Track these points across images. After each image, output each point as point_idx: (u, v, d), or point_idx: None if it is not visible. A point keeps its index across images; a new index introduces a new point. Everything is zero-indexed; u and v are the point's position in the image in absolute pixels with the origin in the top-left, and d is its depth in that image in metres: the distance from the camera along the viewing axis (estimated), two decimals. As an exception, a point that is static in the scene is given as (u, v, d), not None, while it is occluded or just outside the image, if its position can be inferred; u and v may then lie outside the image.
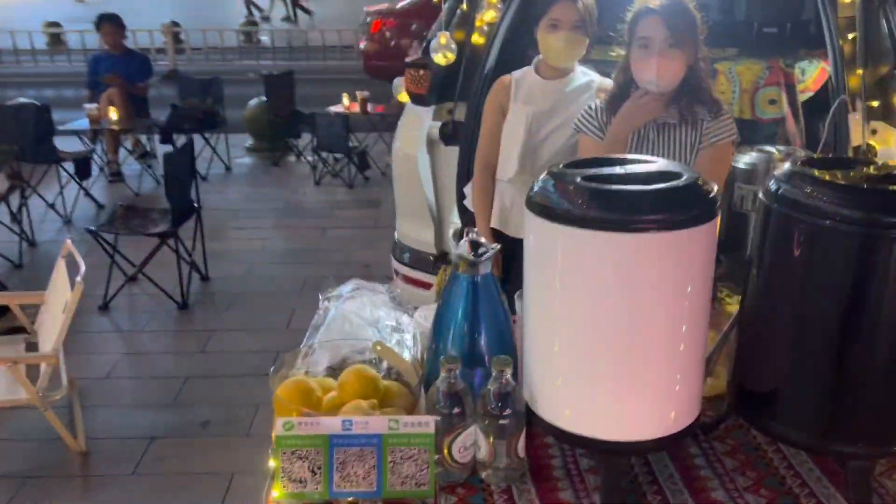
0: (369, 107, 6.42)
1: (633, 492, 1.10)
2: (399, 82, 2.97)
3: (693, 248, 0.99)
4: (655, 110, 2.07)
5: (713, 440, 1.21)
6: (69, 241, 2.90)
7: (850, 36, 2.38)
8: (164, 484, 2.53)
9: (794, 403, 1.07)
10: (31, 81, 10.73)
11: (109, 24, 6.43)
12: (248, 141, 7.34)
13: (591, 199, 0.98)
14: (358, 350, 1.37)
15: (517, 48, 2.92)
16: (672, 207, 0.97)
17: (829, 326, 1.02)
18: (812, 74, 2.83)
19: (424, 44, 2.96)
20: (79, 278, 2.54)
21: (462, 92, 2.79)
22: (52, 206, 5.21)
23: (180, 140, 6.48)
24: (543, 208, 1.03)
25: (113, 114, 5.79)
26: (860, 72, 2.35)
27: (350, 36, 12.32)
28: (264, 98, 7.01)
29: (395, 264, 3.09)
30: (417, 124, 2.86)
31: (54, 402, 2.62)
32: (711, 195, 1.01)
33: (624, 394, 1.02)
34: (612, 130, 2.11)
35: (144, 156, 6.47)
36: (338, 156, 6.35)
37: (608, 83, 2.34)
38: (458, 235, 2.95)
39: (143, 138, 6.57)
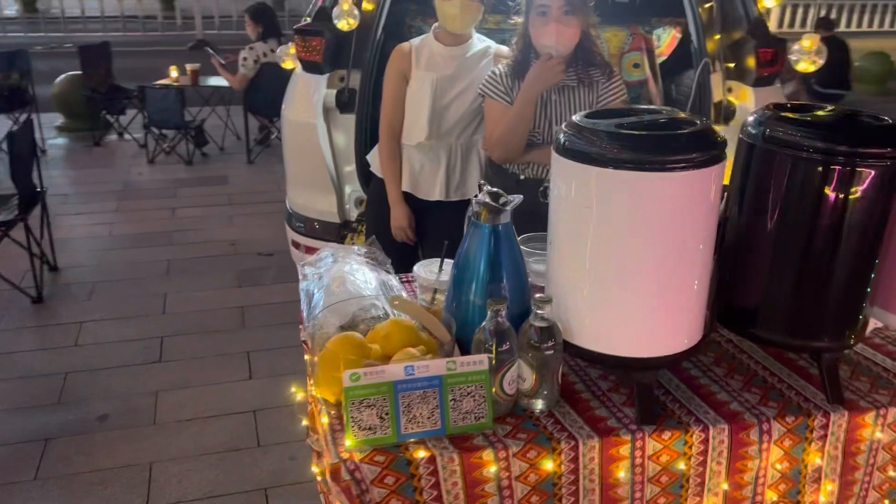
0: (202, 80, 6.10)
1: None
2: (283, 50, 2.89)
3: (711, 185, 1.15)
4: (562, 73, 2.23)
5: (698, 355, 1.41)
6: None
7: (707, 5, 2.71)
8: (76, 485, 2.34)
9: (772, 310, 1.27)
10: None
11: None
12: (59, 120, 6.68)
13: (627, 143, 1.10)
14: (364, 308, 1.40)
15: (401, 15, 2.97)
16: (698, 148, 1.12)
17: (800, 242, 1.22)
18: (666, 41, 3.17)
19: (313, 10, 2.91)
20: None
21: (355, 59, 2.79)
22: None
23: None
24: (579, 154, 1.13)
25: None
26: (717, 37, 2.68)
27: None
28: (78, 73, 6.39)
29: (293, 235, 3.04)
30: (309, 92, 2.82)
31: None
32: (721, 139, 1.17)
33: (653, 317, 1.17)
34: (523, 93, 2.24)
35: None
36: (169, 132, 5.98)
37: (504, 49, 2.49)
38: (360, 203, 2.99)
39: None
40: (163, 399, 2.81)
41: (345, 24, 2.45)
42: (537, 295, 1.23)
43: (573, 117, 1.22)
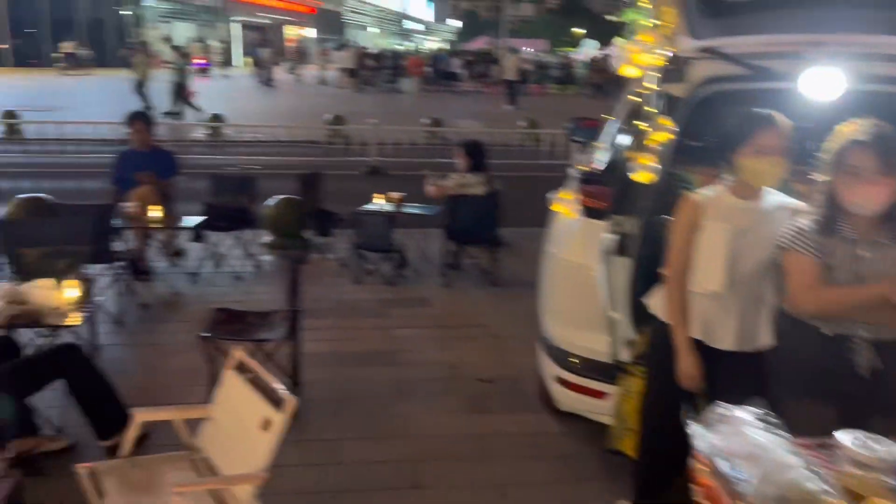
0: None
1: None
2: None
3: None
4: None
5: None
6: (238, 351, 2.83)
7: None
8: None
9: None
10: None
11: (140, 121, 6.39)
12: (266, 237, 7.27)
13: None
14: (796, 480, 1.41)
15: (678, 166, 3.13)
16: None
17: None
18: None
19: (596, 157, 3.12)
20: (286, 393, 2.48)
21: (630, 206, 2.94)
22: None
23: (215, 237, 6.42)
24: None
25: (156, 212, 5.69)
26: None
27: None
28: (289, 196, 7.02)
29: (558, 370, 3.13)
30: (589, 236, 2.98)
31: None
32: None
33: None
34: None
35: (177, 254, 6.33)
36: (372, 253, 6.38)
37: (803, 205, 2.54)
38: (631, 344, 3.05)
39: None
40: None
41: (642, 176, 2.61)
42: None
43: None
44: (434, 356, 4.70)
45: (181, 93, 18.15)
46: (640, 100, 2.89)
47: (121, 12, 37.03)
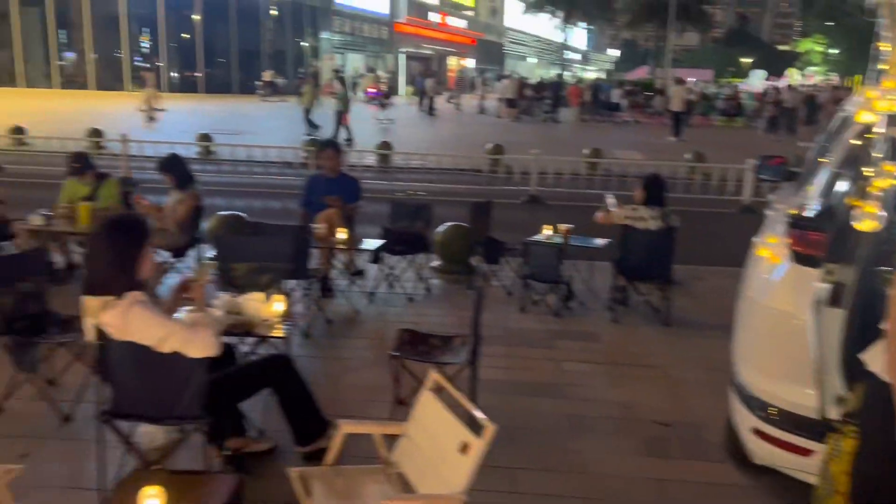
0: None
1: None
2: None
3: None
4: None
5: None
6: (435, 374, 2.96)
7: None
8: None
9: None
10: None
11: (331, 149, 6.85)
12: (434, 262, 7.52)
13: None
14: None
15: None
16: None
17: None
18: None
19: (804, 200, 3.00)
20: (485, 419, 2.56)
21: (846, 254, 2.78)
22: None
23: (392, 261, 6.74)
24: None
25: (342, 234, 6.06)
26: None
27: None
28: (458, 223, 7.24)
29: (756, 422, 3.01)
30: (799, 284, 2.85)
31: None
32: None
33: None
34: None
35: (357, 274, 6.70)
36: (539, 284, 6.42)
37: None
38: (841, 401, 2.88)
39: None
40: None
41: (865, 224, 2.47)
42: None
43: None
44: (606, 393, 4.64)
45: (340, 120, 19.34)
46: (863, 144, 2.74)
47: (301, 44, 39.93)
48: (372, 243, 6.43)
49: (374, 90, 30.75)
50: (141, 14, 35.53)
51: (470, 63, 58.15)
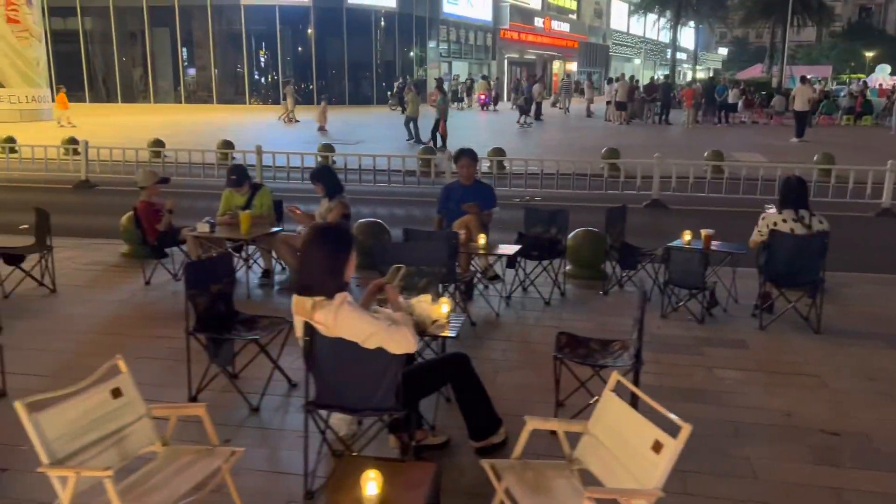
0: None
1: None
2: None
3: None
4: None
5: None
6: (617, 375, 3.07)
7: None
8: None
9: None
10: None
11: (466, 157, 7.04)
12: (569, 267, 7.60)
13: None
14: None
15: None
16: None
17: None
18: None
19: None
20: (680, 420, 2.65)
21: None
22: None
23: (527, 265, 6.88)
24: None
25: (482, 239, 6.25)
26: None
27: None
28: (587, 228, 7.30)
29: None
30: None
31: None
32: None
33: None
34: None
35: (494, 278, 6.88)
36: (680, 290, 6.38)
37: None
38: None
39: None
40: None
41: None
42: None
43: None
44: (764, 401, 4.59)
45: (436, 128, 19.92)
46: None
47: (409, 54, 40.86)
48: (509, 248, 6.59)
49: (485, 96, 31.09)
50: (259, 30, 37.38)
51: (573, 66, 57.67)
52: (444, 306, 4.09)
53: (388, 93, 36.26)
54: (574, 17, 59.02)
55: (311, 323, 3.13)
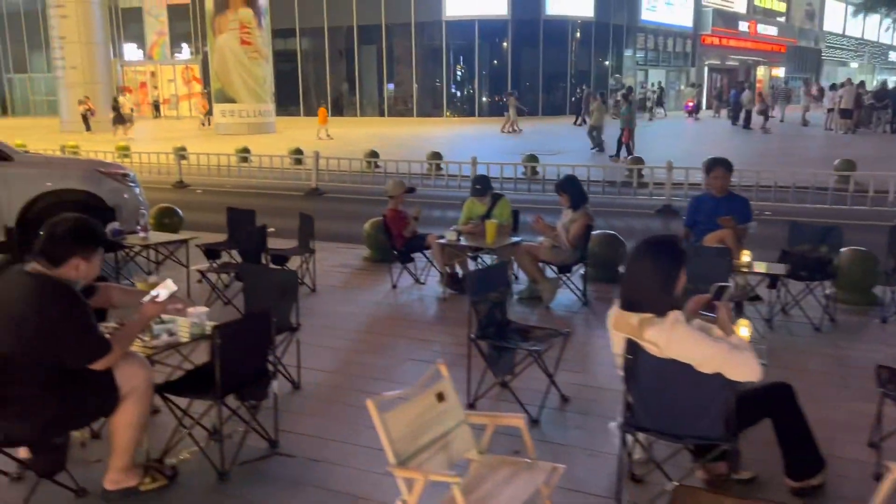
0: None
1: None
2: None
3: None
4: None
5: None
6: None
7: None
8: None
9: None
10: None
11: (721, 168, 6.60)
12: (835, 290, 6.86)
13: None
14: None
15: None
16: None
17: None
18: None
19: None
20: None
21: None
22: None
23: (792, 287, 6.32)
24: None
25: (745, 256, 5.82)
26: None
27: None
28: (856, 248, 6.59)
29: None
30: None
31: None
32: None
33: None
34: None
35: (755, 298, 6.39)
36: None
37: None
38: None
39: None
40: None
41: None
42: None
43: None
44: None
45: (622, 137, 19.37)
46: None
47: (605, 63, 40.17)
48: (771, 266, 6.08)
49: (692, 104, 29.84)
50: (458, 45, 38.48)
51: (779, 72, 53.72)
52: (742, 328, 3.78)
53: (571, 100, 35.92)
54: (783, 19, 54.99)
55: (635, 341, 2.98)
